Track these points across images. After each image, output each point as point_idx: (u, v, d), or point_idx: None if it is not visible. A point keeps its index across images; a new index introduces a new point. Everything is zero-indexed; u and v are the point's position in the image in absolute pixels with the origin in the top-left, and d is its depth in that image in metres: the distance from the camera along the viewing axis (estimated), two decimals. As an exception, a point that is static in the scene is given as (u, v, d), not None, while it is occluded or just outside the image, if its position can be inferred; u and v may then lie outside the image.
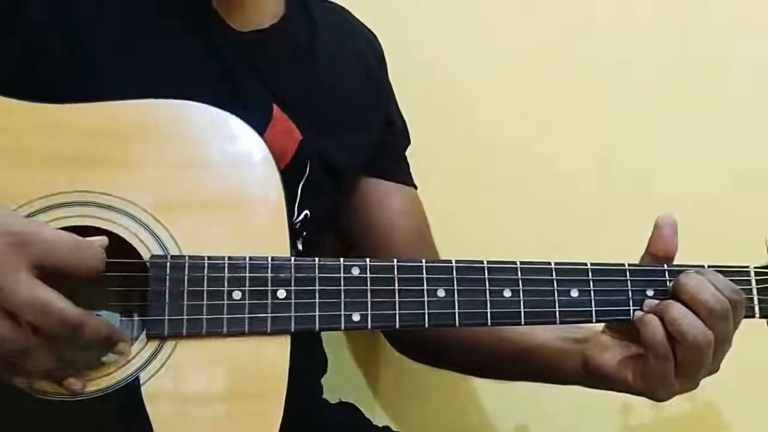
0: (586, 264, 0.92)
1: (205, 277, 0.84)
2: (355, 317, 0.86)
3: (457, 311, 0.88)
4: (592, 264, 0.92)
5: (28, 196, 0.82)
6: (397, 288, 0.87)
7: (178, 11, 0.99)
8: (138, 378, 0.82)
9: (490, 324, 0.89)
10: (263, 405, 0.84)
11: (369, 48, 1.18)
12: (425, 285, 0.88)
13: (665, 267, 0.93)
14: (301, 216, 1.03)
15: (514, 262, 0.91)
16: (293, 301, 0.85)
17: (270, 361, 0.85)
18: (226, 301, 0.84)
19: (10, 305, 0.74)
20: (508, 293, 0.90)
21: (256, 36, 1.04)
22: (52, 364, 0.78)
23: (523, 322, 0.90)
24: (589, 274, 0.92)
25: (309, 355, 1.12)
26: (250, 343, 0.84)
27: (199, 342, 0.83)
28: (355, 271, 0.87)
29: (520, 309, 0.90)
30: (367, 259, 0.88)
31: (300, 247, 1.03)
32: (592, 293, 0.92)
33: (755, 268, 0.97)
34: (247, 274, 0.84)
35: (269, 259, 0.85)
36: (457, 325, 0.88)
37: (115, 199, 0.84)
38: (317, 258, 0.87)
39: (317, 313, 0.86)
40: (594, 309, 0.92)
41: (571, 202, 1.34)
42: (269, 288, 0.85)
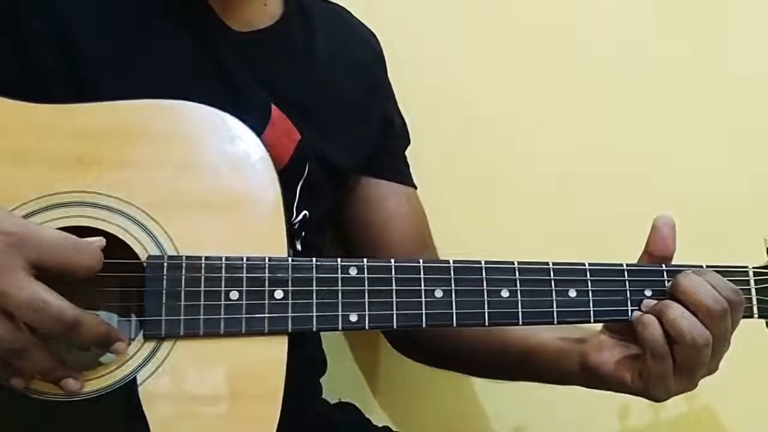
0: (584, 264, 0.92)
1: (203, 278, 0.84)
2: (353, 317, 0.86)
3: (454, 311, 0.88)
4: (590, 264, 0.92)
5: (25, 197, 0.82)
6: (394, 288, 0.87)
7: (175, 12, 0.99)
8: (135, 378, 0.82)
9: (487, 324, 0.89)
10: (261, 405, 0.84)
11: (368, 48, 1.18)
12: (423, 285, 0.88)
13: (663, 267, 0.93)
14: (300, 216, 1.03)
15: (512, 263, 0.90)
16: (290, 301, 0.85)
17: (267, 361, 0.84)
18: (223, 302, 0.84)
19: (7, 305, 0.74)
20: (505, 293, 0.89)
21: (254, 36, 1.04)
22: (50, 365, 0.78)
23: (520, 323, 0.90)
24: (588, 274, 0.91)
25: (308, 355, 1.12)
26: (248, 343, 0.84)
27: (196, 342, 0.83)
28: (353, 272, 0.87)
29: (518, 309, 0.89)
30: (365, 260, 0.87)
31: (299, 247, 1.03)
32: (591, 293, 0.91)
33: (754, 268, 0.96)
34: (245, 275, 0.84)
35: (266, 259, 0.85)
36: (455, 325, 0.88)
37: (113, 199, 0.84)
38: (314, 258, 0.87)
39: (314, 314, 0.85)
40: (592, 309, 0.91)
41: (571, 202, 1.34)
42: (266, 288, 0.85)
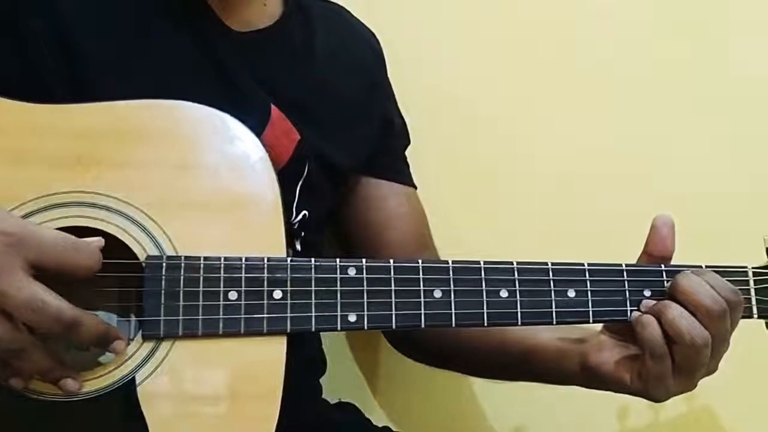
0: (583, 264, 0.92)
1: (201, 278, 0.84)
2: (352, 318, 0.86)
3: (453, 312, 0.88)
4: (589, 264, 0.92)
5: (24, 197, 0.82)
6: (393, 288, 0.87)
7: (175, 12, 0.99)
8: (134, 378, 0.82)
9: (486, 324, 0.89)
10: (259, 405, 0.84)
11: (368, 47, 1.18)
12: (421, 285, 0.88)
13: (662, 267, 0.93)
14: (300, 216, 1.03)
15: (511, 263, 0.90)
16: (289, 301, 0.85)
17: (266, 361, 0.84)
18: (222, 302, 0.84)
19: (6, 305, 0.74)
20: (504, 293, 0.89)
21: (254, 36, 1.04)
22: (49, 365, 0.78)
23: (519, 323, 0.89)
24: (587, 274, 0.91)
25: (307, 355, 1.12)
26: (246, 343, 0.84)
27: (195, 342, 0.83)
28: (352, 272, 0.87)
29: (517, 309, 0.89)
30: (363, 260, 0.87)
31: (298, 247, 1.03)
32: (590, 293, 0.91)
33: (753, 268, 0.96)
34: (243, 275, 0.84)
35: (265, 259, 0.85)
36: (454, 325, 0.88)
37: (111, 199, 0.84)
38: (313, 258, 0.87)
39: (313, 314, 0.85)
40: (591, 309, 0.91)
41: (570, 202, 1.34)
42: (265, 288, 0.85)
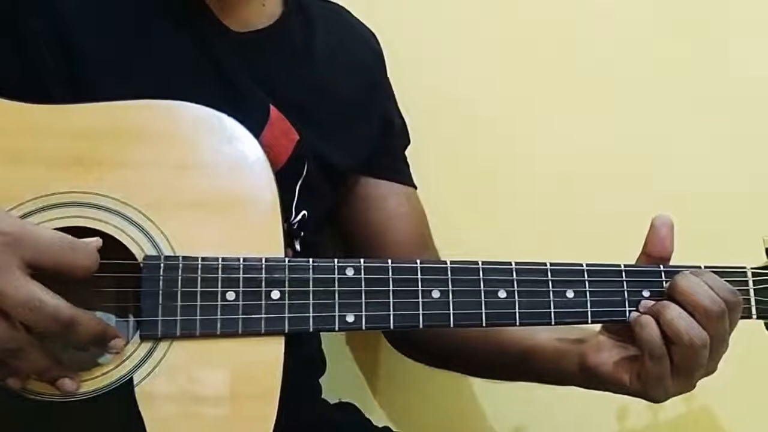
0: (581, 264, 0.92)
1: (199, 278, 0.84)
2: (349, 318, 0.86)
3: (451, 312, 0.88)
4: (587, 265, 0.92)
5: (22, 197, 0.82)
6: (391, 289, 0.87)
7: (175, 12, 0.99)
8: (132, 379, 0.82)
9: (484, 325, 0.89)
10: (257, 405, 0.84)
11: (368, 47, 1.18)
12: (420, 286, 0.88)
13: (661, 268, 0.92)
14: (299, 216, 1.03)
15: (509, 263, 0.90)
16: (287, 302, 0.85)
17: (264, 361, 0.84)
18: (219, 302, 0.84)
19: (3, 304, 0.74)
20: (503, 294, 0.89)
21: (253, 36, 1.04)
22: (46, 364, 0.78)
23: (518, 323, 0.89)
24: (585, 275, 0.91)
25: (307, 355, 1.12)
26: (244, 343, 0.84)
27: (192, 343, 0.83)
28: (350, 272, 0.87)
29: (515, 310, 0.89)
30: (361, 260, 0.87)
31: (298, 247, 1.03)
32: (588, 294, 0.91)
33: (752, 269, 0.96)
34: (241, 275, 0.84)
35: (263, 260, 0.85)
36: (452, 326, 0.88)
37: (109, 199, 0.84)
38: (311, 259, 0.86)
39: (311, 314, 0.85)
40: (590, 310, 0.91)
41: (570, 202, 1.33)
42: (263, 289, 0.85)
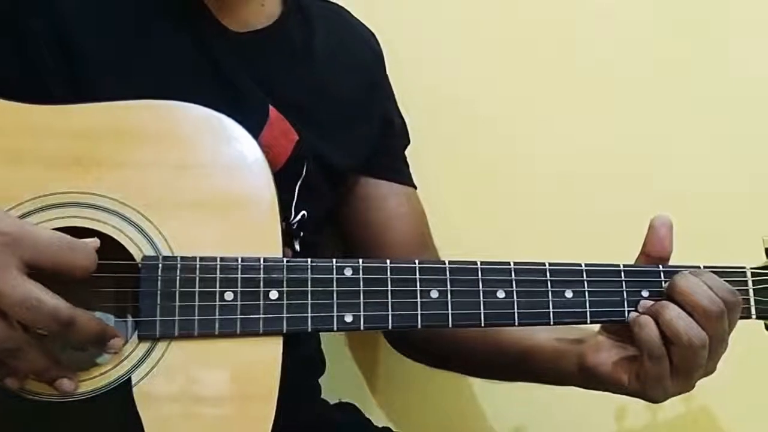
0: (580, 265, 0.91)
1: (197, 278, 0.84)
2: (348, 318, 0.86)
3: (450, 312, 0.88)
4: (586, 265, 0.92)
5: (21, 197, 0.82)
6: (389, 289, 0.87)
7: (175, 12, 0.99)
8: (130, 379, 0.82)
9: (483, 325, 0.89)
10: (256, 406, 0.84)
11: (367, 47, 1.18)
12: (418, 286, 0.88)
13: (660, 268, 0.92)
14: (299, 216, 1.03)
15: (508, 263, 0.90)
16: (285, 302, 0.85)
17: (262, 362, 0.84)
18: (218, 302, 0.84)
19: (1, 304, 0.73)
20: (501, 294, 0.89)
21: (252, 36, 1.04)
22: (44, 364, 0.78)
23: (516, 323, 0.89)
24: (584, 275, 0.91)
25: (306, 355, 1.12)
26: (243, 344, 0.84)
27: (191, 343, 0.83)
28: (348, 272, 0.87)
29: (514, 310, 0.89)
30: (360, 260, 0.87)
31: (297, 247, 1.03)
32: (587, 294, 0.91)
33: (751, 269, 0.96)
34: (239, 275, 0.84)
35: (261, 260, 0.85)
36: (450, 326, 0.88)
37: (108, 200, 0.84)
38: (309, 259, 0.86)
39: (309, 314, 0.85)
40: (588, 310, 0.91)
41: (570, 202, 1.33)
42: (261, 289, 0.85)
